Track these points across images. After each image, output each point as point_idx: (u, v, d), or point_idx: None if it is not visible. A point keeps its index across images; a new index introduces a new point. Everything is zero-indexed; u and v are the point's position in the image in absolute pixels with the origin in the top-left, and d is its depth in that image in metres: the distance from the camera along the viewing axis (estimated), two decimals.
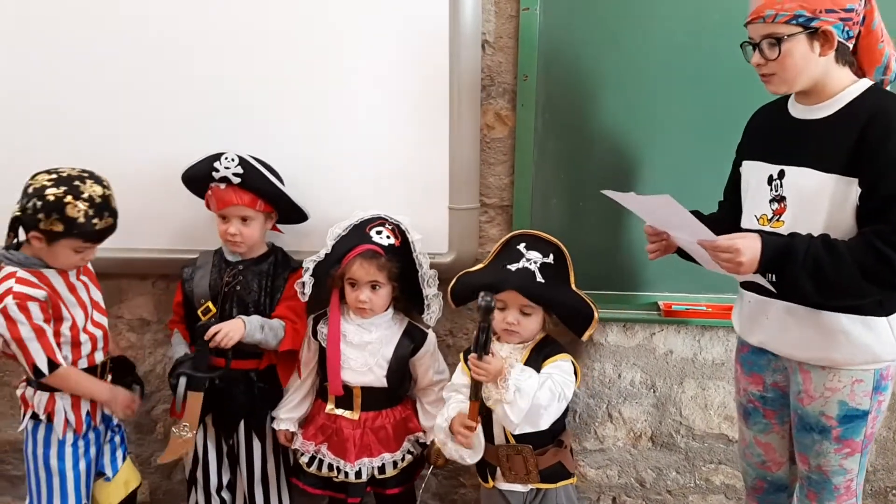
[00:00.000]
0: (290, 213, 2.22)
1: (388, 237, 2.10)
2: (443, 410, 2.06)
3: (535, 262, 2.01)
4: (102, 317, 2.08)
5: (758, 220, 1.75)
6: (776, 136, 1.75)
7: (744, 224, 1.81)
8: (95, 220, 1.86)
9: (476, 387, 1.89)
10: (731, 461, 2.52)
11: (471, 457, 2.01)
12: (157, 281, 2.47)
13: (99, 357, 2.06)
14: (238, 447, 2.25)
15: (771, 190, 1.72)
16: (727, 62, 2.12)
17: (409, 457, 2.21)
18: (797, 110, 1.71)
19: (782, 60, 1.59)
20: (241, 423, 2.23)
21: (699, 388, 2.47)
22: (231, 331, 2.05)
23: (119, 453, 2.18)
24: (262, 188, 2.12)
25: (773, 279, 1.65)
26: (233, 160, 2.09)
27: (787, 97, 1.75)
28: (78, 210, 1.83)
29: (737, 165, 1.90)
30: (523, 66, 2.20)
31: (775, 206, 1.71)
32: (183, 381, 2.09)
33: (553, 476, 2.05)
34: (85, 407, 2.03)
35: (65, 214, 1.83)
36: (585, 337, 2.09)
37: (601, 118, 2.23)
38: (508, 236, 2.15)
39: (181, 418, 2.15)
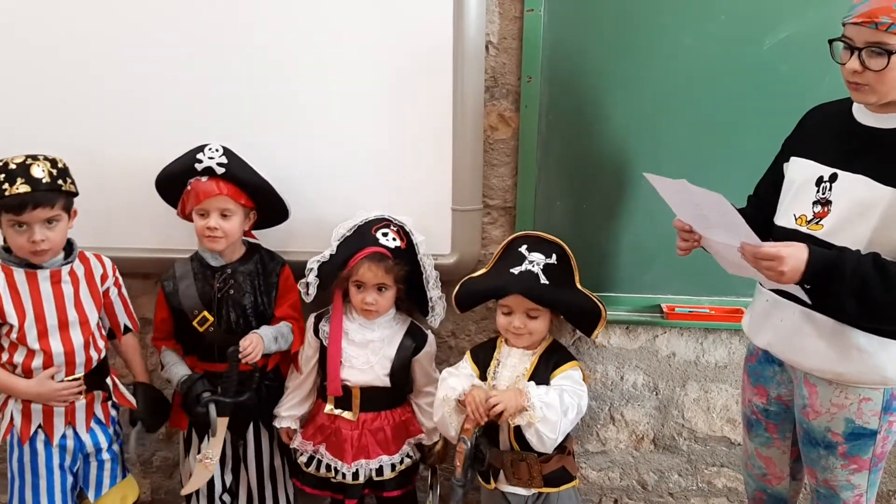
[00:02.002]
0: (271, 209, 2.19)
1: (394, 239, 2.09)
2: (453, 378, 2.06)
3: (538, 264, 2.00)
4: (80, 335, 1.97)
5: (796, 219, 1.68)
6: (835, 137, 1.65)
7: (778, 221, 1.74)
8: (5, 186, 1.79)
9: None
10: (733, 464, 2.52)
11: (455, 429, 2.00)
12: (159, 280, 2.46)
13: (60, 377, 1.95)
14: (246, 444, 2.24)
15: (818, 192, 1.64)
16: (733, 64, 2.13)
17: (408, 460, 2.21)
18: (865, 116, 1.61)
19: (884, 74, 1.47)
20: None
21: (702, 391, 2.47)
22: (257, 344, 2.07)
23: (107, 473, 2.10)
24: (245, 179, 2.09)
25: (816, 291, 1.57)
26: (217, 150, 2.06)
27: (850, 99, 1.65)
28: None
29: (780, 162, 1.82)
30: (527, 67, 2.20)
31: (818, 208, 1.63)
32: (213, 407, 2.06)
33: (556, 480, 2.05)
34: (37, 420, 1.97)
35: None
36: (594, 336, 2.08)
37: (605, 120, 2.23)
38: (510, 239, 2.14)
39: (180, 426, 2.20)
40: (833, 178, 1.62)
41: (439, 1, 2.12)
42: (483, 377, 2.07)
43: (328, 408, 2.16)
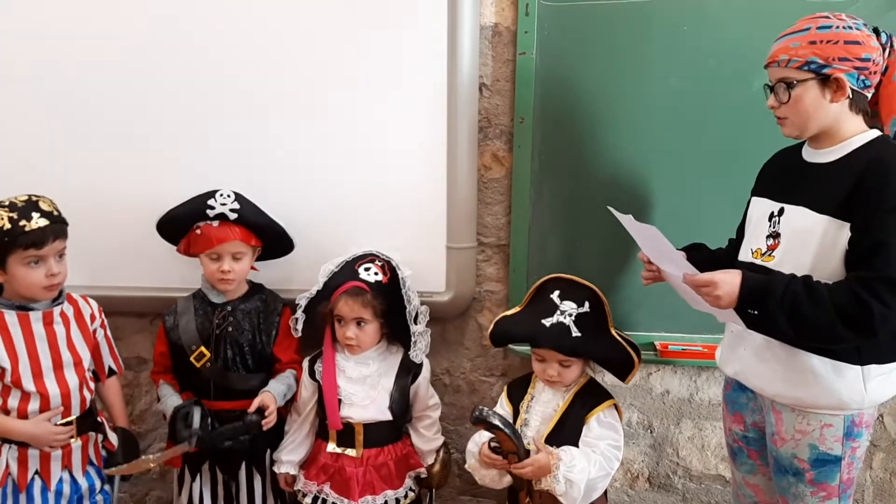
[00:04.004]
0: (276, 245, 2.23)
1: (375, 273, 2.11)
2: (474, 437, 2.05)
3: (570, 315, 1.98)
4: (74, 377, 1.95)
5: (752, 252, 1.77)
6: (785, 176, 1.77)
7: (740, 257, 1.84)
8: (23, 223, 1.80)
9: (518, 479, 1.92)
10: (727, 502, 2.50)
11: (496, 482, 2.00)
12: (154, 319, 2.47)
13: (57, 419, 1.93)
14: (238, 487, 2.23)
15: (770, 226, 1.74)
16: (721, 105, 2.16)
17: (411, 493, 2.20)
18: (808, 153, 1.73)
19: (793, 105, 1.62)
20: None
21: (696, 429, 2.47)
22: (274, 409, 2.10)
23: None
24: (256, 221, 2.13)
25: (756, 314, 1.63)
26: (229, 196, 2.10)
27: (804, 142, 1.77)
28: (1, 218, 1.80)
29: (748, 204, 1.92)
30: (520, 108, 2.24)
31: (770, 241, 1.73)
32: (194, 440, 2.04)
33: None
34: (34, 466, 1.94)
35: None
36: (628, 381, 2.06)
37: (596, 160, 2.25)
38: (542, 280, 2.10)
39: (174, 464, 2.20)
40: (781, 212, 1.73)
41: (434, 45, 2.16)
42: (516, 412, 2.06)
43: (331, 447, 2.15)
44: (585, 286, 2.05)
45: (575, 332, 1.97)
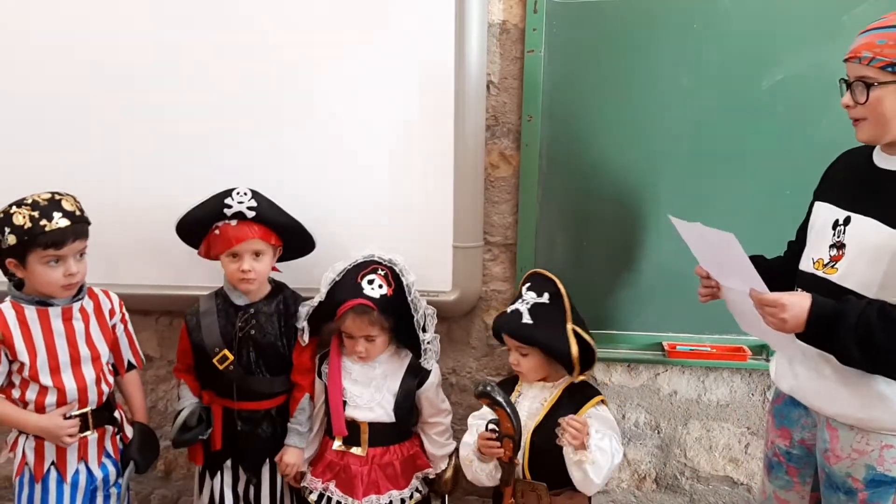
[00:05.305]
0: (297, 244, 2.20)
1: (380, 286, 2.07)
2: (468, 433, 2.06)
3: (527, 303, 2.01)
4: (91, 371, 1.96)
5: (814, 262, 1.67)
6: (852, 181, 1.65)
7: (801, 266, 1.74)
8: (44, 222, 1.80)
9: (508, 471, 1.92)
10: (735, 503, 2.50)
11: (489, 478, 2.00)
12: (160, 317, 2.47)
13: (73, 411, 1.95)
14: (260, 484, 2.23)
15: (834, 235, 1.64)
16: (731, 105, 2.15)
17: (417, 495, 2.19)
18: (880, 158, 1.61)
19: (871, 106, 1.52)
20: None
21: (704, 430, 2.45)
22: (295, 465, 2.16)
23: None
24: (275, 219, 2.10)
25: (824, 341, 1.55)
26: (246, 194, 2.06)
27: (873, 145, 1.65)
28: (23, 216, 1.80)
29: (811, 208, 1.82)
30: (527, 106, 2.22)
31: (833, 252, 1.63)
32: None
33: None
34: (50, 457, 1.96)
35: (12, 224, 1.79)
36: (574, 377, 2.01)
37: (604, 158, 2.24)
38: (526, 274, 2.15)
39: (195, 460, 2.24)
40: (847, 221, 1.62)
41: (442, 42, 2.15)
42: None
43: (337, 444, 2.14)
44: (551, 279, 2.07)
45: (525, 319, 1.99)
